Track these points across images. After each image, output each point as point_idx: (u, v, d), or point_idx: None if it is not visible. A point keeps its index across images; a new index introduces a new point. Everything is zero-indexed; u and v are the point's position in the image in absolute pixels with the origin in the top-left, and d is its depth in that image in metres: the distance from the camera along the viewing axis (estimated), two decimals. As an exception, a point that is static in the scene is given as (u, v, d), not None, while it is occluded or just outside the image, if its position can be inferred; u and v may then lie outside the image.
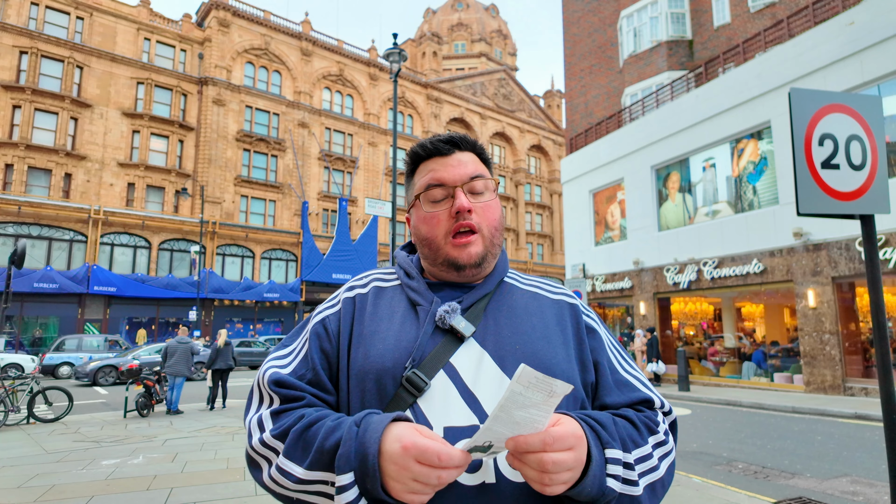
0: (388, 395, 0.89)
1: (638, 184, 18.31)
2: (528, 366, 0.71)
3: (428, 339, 0.93)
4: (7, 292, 9.94)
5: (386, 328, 0.96)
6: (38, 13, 26.41)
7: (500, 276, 1.05)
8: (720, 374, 15.44)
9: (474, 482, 0.82)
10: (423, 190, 1.02)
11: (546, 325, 0.98)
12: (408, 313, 0.98)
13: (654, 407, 0.98)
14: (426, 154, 1.05)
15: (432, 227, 1.00)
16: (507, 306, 1.00)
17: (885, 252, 11.44)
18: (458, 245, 0.98)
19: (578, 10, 25.85)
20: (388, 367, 0.90)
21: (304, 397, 0.91)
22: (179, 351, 10.70)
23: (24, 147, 24.93)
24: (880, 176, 2.49)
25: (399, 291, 1.03)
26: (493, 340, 0.94)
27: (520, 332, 0.95)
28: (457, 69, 55.28)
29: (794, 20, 14.64)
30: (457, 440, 0.84)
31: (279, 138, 32.87)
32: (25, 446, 7.25)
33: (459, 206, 0.97)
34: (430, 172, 1.03)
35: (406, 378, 0.88)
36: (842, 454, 6.74)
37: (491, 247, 1.00)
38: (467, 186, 1.01)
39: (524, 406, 0.72)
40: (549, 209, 49.10)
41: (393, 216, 11.94)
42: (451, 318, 0.93)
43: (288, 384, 0.92)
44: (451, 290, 1.01)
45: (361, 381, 0.91)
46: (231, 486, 5.24)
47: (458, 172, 1.01)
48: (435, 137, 1.06)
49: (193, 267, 27.49)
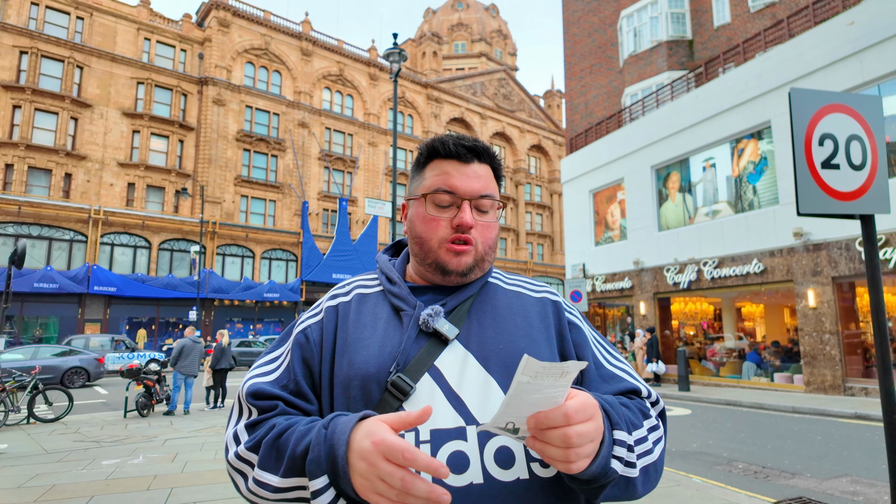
0: (373, 401, 0.89)
1: (638, 184, 18.31)
2: (516, 361, 0.70)
3: (412, 343, 0.93)
4: (7, 292, 9.92)
5: (370, 335, 0.96)
6: (38, 13, 26.41)
7: (483, 278, 1.05)
8: (720, 374, 15.44)
9: (462, 483, 0.82)
10: (432, 191, 1.01)
11: (529, 324, 0.98)
12: (391, 319, 0.98)
13: (642, 396, 0.98)
14: (444, 154, 1.03)
15: (430, 230, 1.00)
16: (490, 307, 1.01)
17: (885, 252, 11.44)
18: (452, 251, 0.98)
19: (578, 10, 25.85)
20: (373, 373, 0.90)
21: (278, 406, 0.91)
22: (195, 351, 10.68)
23: (25, 147, 24.94)
24: (880, 176, 2.49)
25: (382, 297, 1.03)
26: (477, 342, 0.94)
27: (503, 332, 0.96)
28: (457, 69, 55.27)
29: (794, 20, 14.63)
30: (443, 442, 0.84)
31: (279, 138, 32.87)
32: (25, 446, 7.25)
33: (462, 221, 0.97)
34: (443, 175, 1.01)
35: (391, 382, 0.88)
36: (842, 454, 6.73)
37: (481, 262, 1.01)
38: (475, 203, 1.00)
39: (536, 391, 0.71)
40: (549, 209, 49.11)
41: (393, 216, 11.94)
42: (434, 321, 0.94)
43: (265, 395, 0.92)
44: (434, 294, 1.02)
45: (346, 389, 0.91)
46: (231, 486, 5.24)
47: (471, 186, 1.00)
48: (458, 139, 1.03)
49: (193, 267, 27.49)
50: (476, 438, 0.85)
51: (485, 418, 0.87)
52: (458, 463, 0.82)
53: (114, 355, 19.54)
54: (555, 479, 0.86)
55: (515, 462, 0.85)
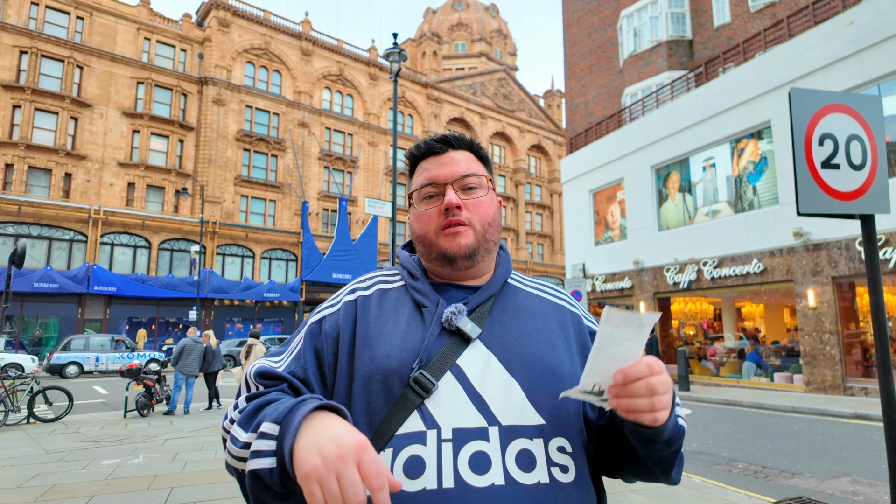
0: (394, 396, 0.88)
1: (638, 184, 18.31)
2: (538, 365, 0.74)
3: (434, 340, 0.93)
4: (7, 292, 9.93)
5: (391, 330, 0.95)
6: (38, 13, 26.40)
7: (504, 278, 1.05)
8: (720, 374, 15.44)
9: (483, 484, 0.81)
10: (418, 189, 1.03)
11: (550, 329, 0.99)
12: (413, 314, 0.98)
13: None
14: (421, 154, 1.06)
15: (424, 224, 1.01)
16: (511, 308, 1.01)
17: (885, 252, 11.44)
18: (448, 235, 0.98)
19: (578, 10, 25.84)
20: (395, 368, 0.90)
21: (283, 386, 0.91)
22: (196, 351, 10.67)
23: (24, 147, 24.93)
24: (880, 176, 2.49)
25: (403, 293, 1.03)
26: (500, 343, 0.94)
27: (525, 335, 0.96)
28: (457, 69, 55.26)
29: (794, 20, 14.63)
30: (465, 442, 0.84)
31: (279, 138, 32.87)
32: (25, 446, 7.25)
33: (448, 202, 0.98)
34: (424, 172, 1.04)
35: (413, 379, 0.88)
36: (842, 454, 6.74)
37: (483, 241, 1.00)
38: (458, 183, 1.01)
39: (619, 342, 0.76)
40: (549, 209, 49.10)
41: (393, 216, 11.93)
42: (457, 319, 0.93)
43: (272, 375, 0.92)
44: (455, 291, 1.01)
45: (367, 383, 0.91)
46: (231, 486, 5.24)
47: (450, 170, 1.02)
48: (430, 137, 1.07)
49: (193, 267, 27.49)
50: (498, 439, 0.85)
51: (507, 419, 0.86)
52: (480, 463, 0.82)
53: (114, 355, 19.57)
54: (574, 484, 0.86)
55: (536, 465, 0.85)
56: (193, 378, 10.64)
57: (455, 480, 0.81)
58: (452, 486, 0.81)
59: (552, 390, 0.91)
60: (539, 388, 0.90)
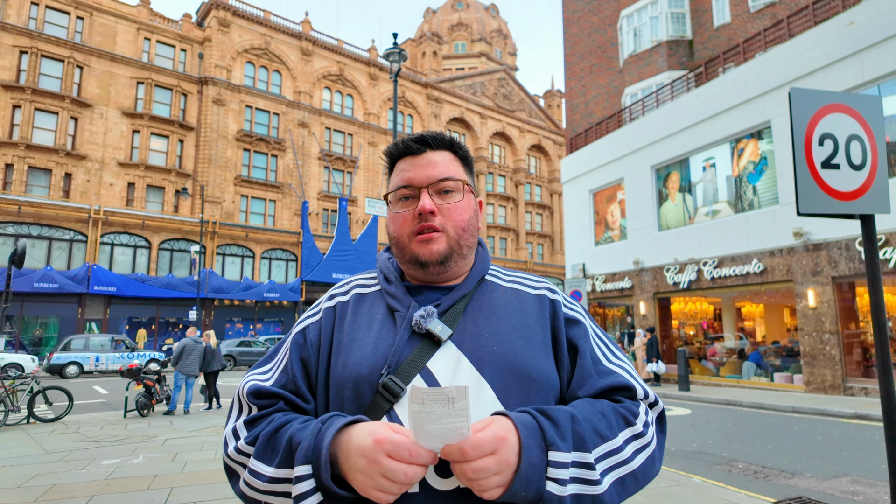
0: (365, 403, 0.89)
1: (638, 184, 18.31)
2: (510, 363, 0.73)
3: (404, 344, 0.92)
4: (7, 292, 9.92)
5: (364, 336, 0.95)
6: (38, 13, 26.40)
7: (479, 275, 1.04)
8: (720, 374, 15.44)
9: (449, 487, 0.82)
10: (393, 190, 1.02)
11: (526, 324, 0.96)
12: (386, 320, 0.97)
13: (636, 396, 0.95)
14: (399, 153, 1.04)
15: (398, 227, 1.01)
16: (487, 306, 0.99)
17: (885, 252, 11.44)
18: (421, 241, 0.97)
19: (578, 10, 25.85)
20: (365, 375, 0.89)
21: (278, 404, 0.93)
22: (196, 351, 10.67)
23: (24, 147, 24.93)
24: (880, 176, 2.49)
25: (379, 297, 1.02)
26: (472, 342, 0.92)
27: (499, 332, 0.94)
28: (457, 69, 55.25)
29: (794, 20, 14.63)
30: None
31: (279, 138, 32.87)
32: (25, 446, 7.25)
33: (421, 207, 0.96)
34: (401, 172, 1.03)
35: (382, 385, 0.87)
36: (842, 454, 6.74)
37: (457, 247, 0.99)
38: (434, 187, 0.99)
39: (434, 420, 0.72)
40: (549, 209, 49.11)
41: (393, 216, 11.92)
42: (427, 322, 0.92)
43: (265, 393, 0.93)
44: (430, 293, 1.00)
45: (340, 390, 0.91)
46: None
47: (426, 173, 1.00)
48: (409, 136, 1.05)
49: (193, 267, 27.50)
50: None
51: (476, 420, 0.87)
52: (445, 467, 0.81)
53: (114, 355, 19.57)
54: None
55: None
56: (193, 378, 10.64)
57: (419, 485, 0.81)
58: (417, 491, 0.81)
59: (524, 389, 0.89)
60: (509, 387, 0.89)
